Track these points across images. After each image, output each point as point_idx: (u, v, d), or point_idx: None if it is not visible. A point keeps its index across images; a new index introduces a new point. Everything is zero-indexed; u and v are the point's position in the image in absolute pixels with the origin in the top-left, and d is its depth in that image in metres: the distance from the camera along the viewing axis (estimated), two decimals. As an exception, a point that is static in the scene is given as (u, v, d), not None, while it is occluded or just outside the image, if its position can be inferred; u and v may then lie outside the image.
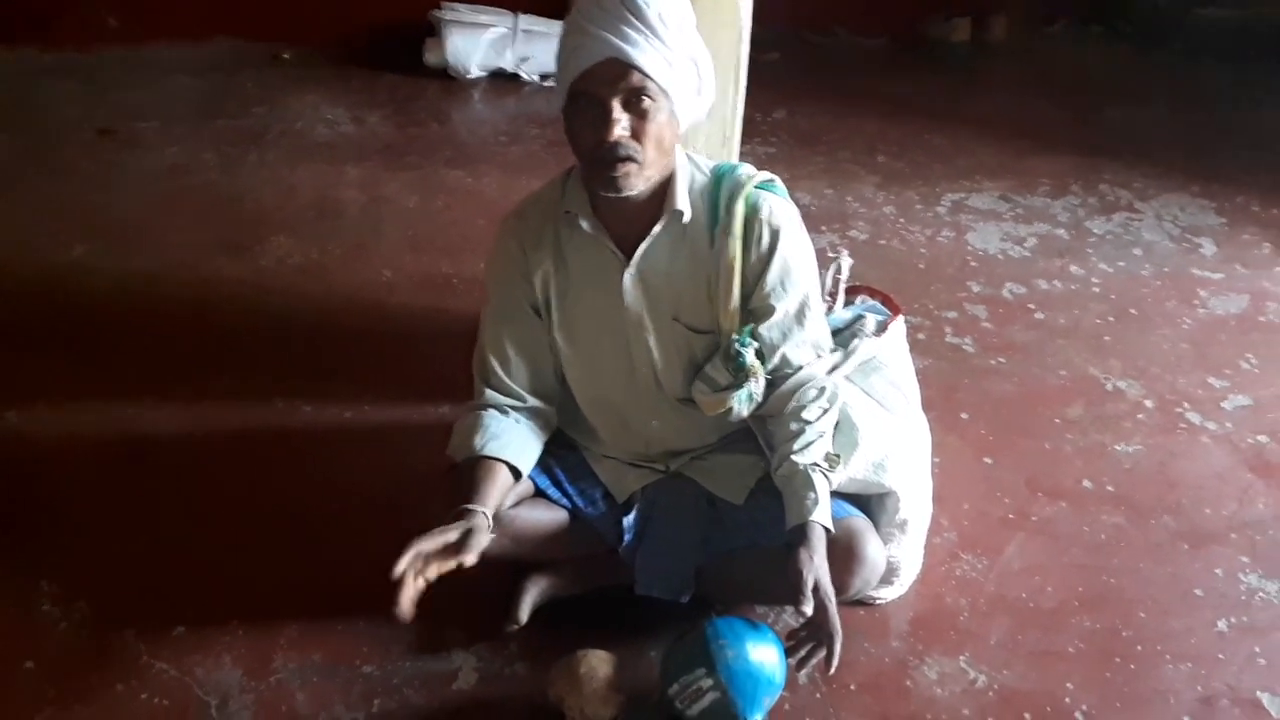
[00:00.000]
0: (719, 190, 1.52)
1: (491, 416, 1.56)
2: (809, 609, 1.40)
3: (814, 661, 1.45)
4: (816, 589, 1.42)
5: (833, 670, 1.44)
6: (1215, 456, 2.12)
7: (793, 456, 1.50)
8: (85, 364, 2.28)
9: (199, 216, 2.94)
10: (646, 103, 1.38)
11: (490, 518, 1.46)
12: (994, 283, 2.74)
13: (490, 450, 1.52)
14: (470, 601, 1.65)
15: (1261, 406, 2.27)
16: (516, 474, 1.55)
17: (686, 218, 1.50)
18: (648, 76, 1.36)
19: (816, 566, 1.43)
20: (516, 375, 1.60)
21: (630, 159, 1.39)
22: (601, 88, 1.37)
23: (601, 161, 1.39)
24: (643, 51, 1.35)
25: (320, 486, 1.94)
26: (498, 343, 1.60)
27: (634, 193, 1.43)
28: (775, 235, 1.50)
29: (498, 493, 1.50)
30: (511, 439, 1.55)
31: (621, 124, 1.37)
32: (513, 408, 1.59)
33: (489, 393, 1.59)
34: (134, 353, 2.32)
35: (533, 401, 1.60)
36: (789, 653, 1.47)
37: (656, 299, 1.54)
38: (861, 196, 3.21)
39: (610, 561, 1.65)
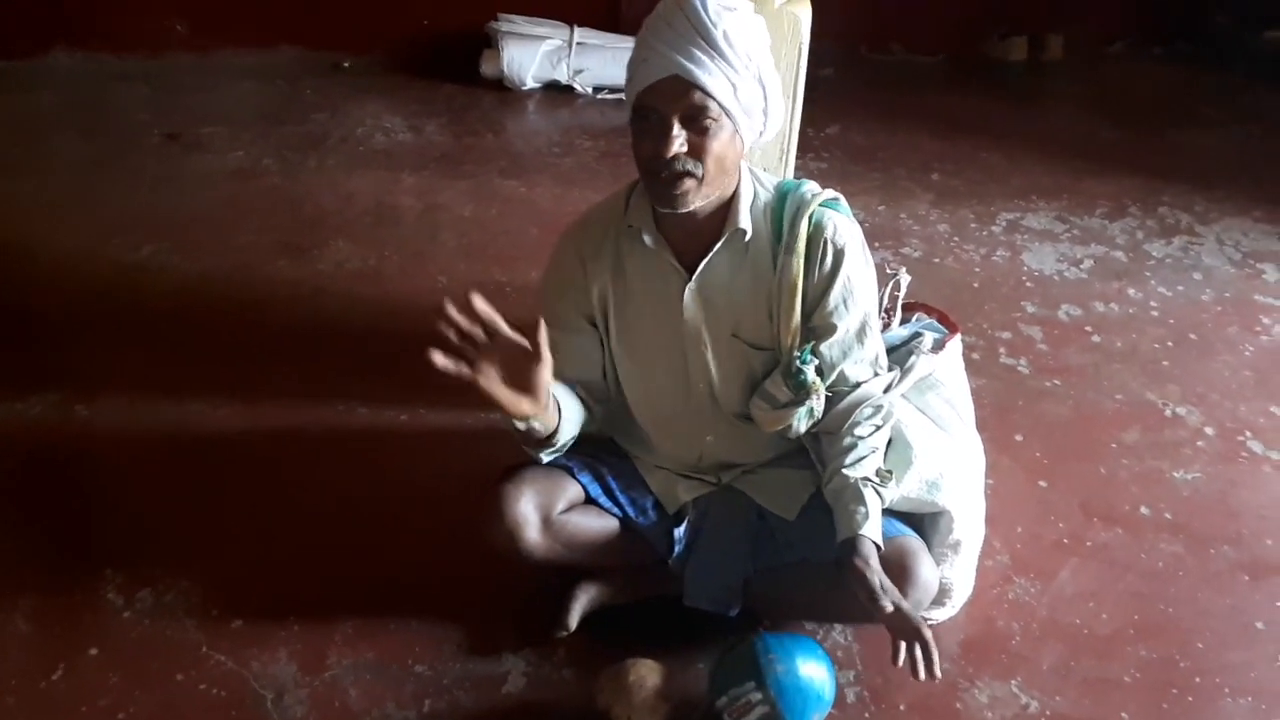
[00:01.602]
0: (783, 208, 1.52)
1: None
2: (888, 604, 1.39)
3: (920, 660, 1.38)
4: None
5: (936, 670, 1.37)
6: (1278, 487, 2.07)
7: (843, 470, 1.50)
8: (151, 361, 2.34)
9: (261, 220, 3.01)
10: (707, 122, 1.38)
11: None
12: (1049, 304, 2.71)
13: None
14: (520, 606, 1.68)
15: (1326, 437, 2.22)
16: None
17: (749, 235, 1.51)
18: (710, 96, 1.37)
19: (875, 569, 1.42)
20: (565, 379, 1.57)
21: (688, 174, 1.40)
22: (662, 104, 1.38)
23: (657, 175, 1.41)
24: (707, 71, 1.36)
25: (376, 487, 1.98)
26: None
27: (691, 209, 1.44)
28: (839, 255, 1.50)
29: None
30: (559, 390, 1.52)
31: (679, 140, 1.38)
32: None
33: None
34: (197, 351, 2.38)
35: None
36: (894, 660, 1.41)
37: (716, 315, 1.54)
38: (915, 214, 3.19)
39: (659, 572, 1.66)
